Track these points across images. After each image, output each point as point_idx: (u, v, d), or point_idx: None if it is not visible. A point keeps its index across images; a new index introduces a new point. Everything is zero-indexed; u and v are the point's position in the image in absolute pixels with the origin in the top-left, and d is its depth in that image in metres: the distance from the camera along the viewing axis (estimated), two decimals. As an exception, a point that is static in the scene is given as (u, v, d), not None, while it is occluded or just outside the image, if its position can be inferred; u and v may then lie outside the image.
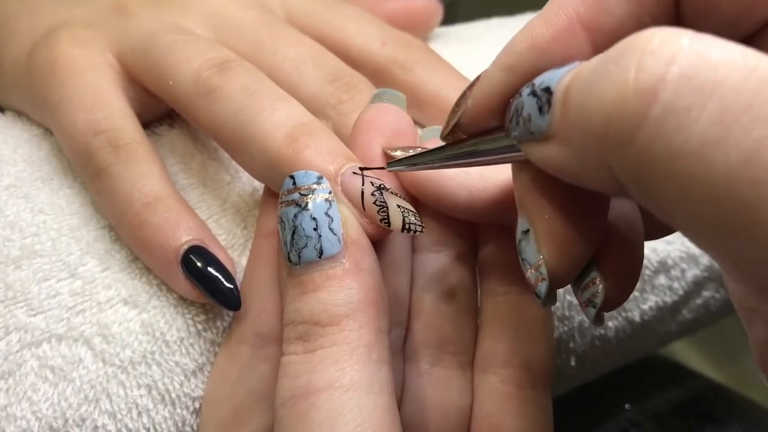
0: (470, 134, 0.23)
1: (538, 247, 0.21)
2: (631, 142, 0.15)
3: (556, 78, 0.18)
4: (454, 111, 0.23)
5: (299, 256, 0.24)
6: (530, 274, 0.21)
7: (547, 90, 0.18)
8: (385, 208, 0.25)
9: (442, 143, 0.24)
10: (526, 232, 0.21)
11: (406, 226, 0.25)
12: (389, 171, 0.26)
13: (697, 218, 0.15)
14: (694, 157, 0.14)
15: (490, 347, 0.28)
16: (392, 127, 0.27)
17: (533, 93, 0.19)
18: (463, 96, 0.23)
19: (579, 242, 0.21)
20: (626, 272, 0.22)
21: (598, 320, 0.23)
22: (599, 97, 0.16)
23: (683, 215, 0.16)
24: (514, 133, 0.20)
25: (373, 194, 0.25)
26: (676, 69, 0.15)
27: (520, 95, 0.20)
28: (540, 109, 0.19)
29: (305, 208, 0.24)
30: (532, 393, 0.28)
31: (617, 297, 0.22)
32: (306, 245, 0.24)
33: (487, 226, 0.28)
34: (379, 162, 0.27)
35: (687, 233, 0.17)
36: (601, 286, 0.22)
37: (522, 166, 0.22)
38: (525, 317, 0.28)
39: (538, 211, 0.21)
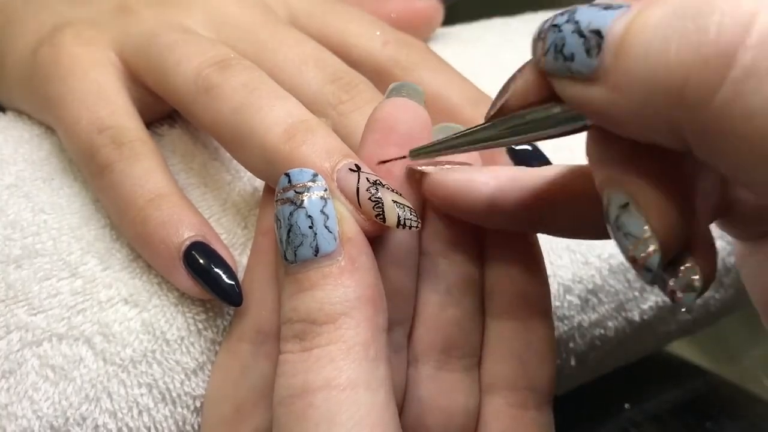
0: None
1: (646, 218, 0.20)
2: (708, 102, 0.16)
3: (606, 20, 0.18)
4: (501, 93, 0.23)
5: (295, 255, 0.24)
6: (636, 250, 0.20)
7: (598, 33, 0.19)
8: (380, 204, 0.24)
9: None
10: (625, 206, 0.20)
11: (401, 221, 0.24)
12: (412, 158, 0.25)
13: None
14: None
15: (496, 371, 0.28)
16: (407, 125, 0.27)
17: (579, 32, 0.19)
18: (512, 78, 0.22)
19: (685, 210, 0.20)
20: (712, 251, 0.22)
21: (693, 304, 0.22)
22: (676, 56, 0.16)
23: (753, 173, 0.17)
24: (549, 67, 0.20)
25: (368, 190, 0.25)
26: (756, 33, 0.15)
27: (560, 30, 0.20)
28: (588, 51, 0.19)
29: (301, 206, 0.24)
30: (536, 413, 0.28)
31: (711, 276, 0.22)
32: (302, 243, 0.24)
33: (496, 247, 0.28)
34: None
35: (753, 189, 0.18)
36: (698, 268, 0.21)
37: (602, 138, 0.21)
38: (532, 341, 0.28)
39: (640, 182, 0.20)
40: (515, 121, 0.22)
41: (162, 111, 0.34)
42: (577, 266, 0.35)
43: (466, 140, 0.24)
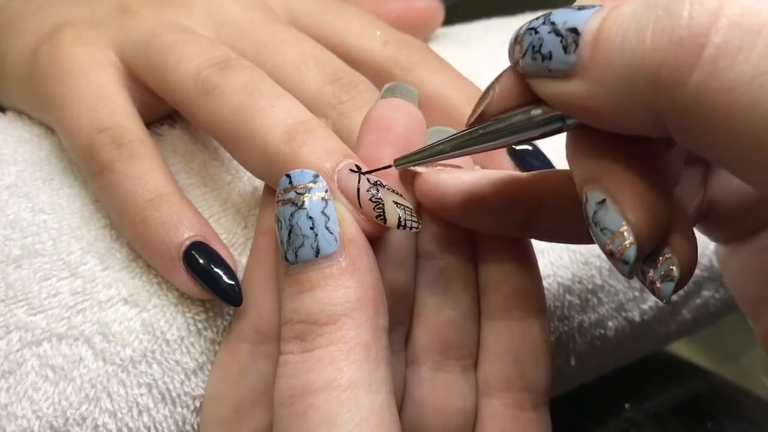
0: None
1: (622, 212, 0.20)
2: (685, 82, 0.17)
3: (581, 19, 0.19)
4: (480, 100, 0.23)
5: (296, 256, 0.24)
6: (613, 244, 0.21)
7: (574, 30, 0.19)
8: (381, 205, 0.24)
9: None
10: (602, 202, 0.21)
11: (402, 222, 0.24)
12: (397, 168, 0.26)
13: (747, 151, 0.17)
14: (746, 88, 0.16)
15: (492, 372, 0.28)
16: (402, 125, 0.27)
17: (556, 32, 0.20)
18: (491, 86, 0.23)
19: (661, 202, 0.21)
20: (693, 244, 0.22)
21: (671, 294, 0.22)
22: (651, 42, 0.17)
23: (733, 150, 0.17)
24: (527, 68, 0.21)
25: (368, 191, 0.25)
26: (724, 17, 0.17)
27: (536, 32, 0.20)
28: (565, 48, 0.20)
29: (301, 207, 0.24)
30: (533, 414, 0.28)
31: (690, 269, 0.22)
32: (303, 244, 0.24)
33: (489, 246, 0.28)
34: (385, 162, 0.26)
35: (734, 169, 0.18)
36: (676, 259, 0.22)
37: (580, 138, 0.22)
38: (526, 341, 0.28)
39: (616, 177, 0.21)
40: (496, 126, 0.23)
41: (162, 111, 0.34)
42: (577, 266, 0.35)
43: (449, 146, 0.24)
